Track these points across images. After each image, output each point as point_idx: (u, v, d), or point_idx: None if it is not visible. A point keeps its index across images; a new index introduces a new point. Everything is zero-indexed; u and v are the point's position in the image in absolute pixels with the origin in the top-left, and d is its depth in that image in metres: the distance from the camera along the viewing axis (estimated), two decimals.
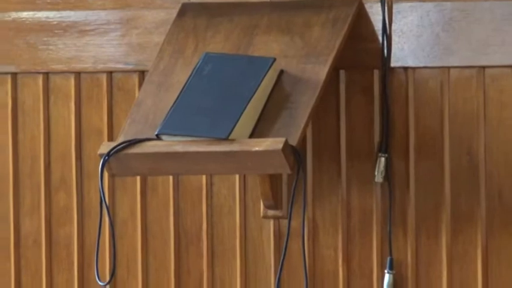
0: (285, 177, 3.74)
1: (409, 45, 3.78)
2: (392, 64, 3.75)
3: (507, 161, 3.72)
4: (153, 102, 3.81)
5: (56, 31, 3.93)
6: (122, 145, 3.73)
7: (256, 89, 3.70)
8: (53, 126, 3.95)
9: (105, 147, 3.73)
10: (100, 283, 3.77)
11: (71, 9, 3.98)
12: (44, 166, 3.91)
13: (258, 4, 3.93)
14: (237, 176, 3.82)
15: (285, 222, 3.80)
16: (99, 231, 3.79)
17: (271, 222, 3.77)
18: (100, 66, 3.90)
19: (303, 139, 3.65)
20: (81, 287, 3.92)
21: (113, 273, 3.78)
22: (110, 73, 3.87)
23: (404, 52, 3.80)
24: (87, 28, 3.93)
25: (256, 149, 3.59)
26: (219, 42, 3.96)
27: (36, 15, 3.91)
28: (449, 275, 3.80)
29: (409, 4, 3.74)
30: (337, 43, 3.76)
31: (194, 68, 3.83)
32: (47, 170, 3.92)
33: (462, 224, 3.80)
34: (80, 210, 3.90)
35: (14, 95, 3.94)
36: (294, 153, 3.60)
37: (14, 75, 3.91)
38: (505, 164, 3.72)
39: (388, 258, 3.69)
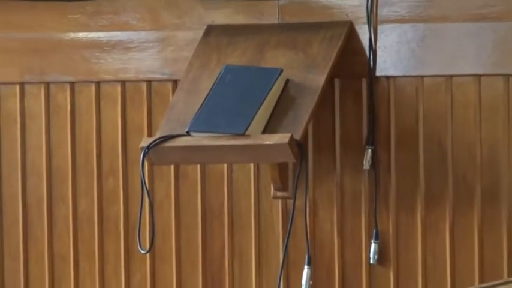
0: (290, 165, 3.69)
1: (390, 58, 3.73)
2: (377, 74, 3.71)
3: (470, 151, 3.68)
4: (184, 105, 3.79)
5: (106, 48, 3.93)
6: (159, 140, 3.68)
7: (267, 94, 3.66)
8: (103, 125, 3.96)
9: (145, 141, 3.69)
10: (141, 251, 3.76)
11: (117, 30, 3.99)
12: (96, 157, 3.92)
13: (268, 26, 3.90)
14: (252, 165, 3.80)
15: (290, 201, 3.79)
16: (140, 209, 3.76)
17: (280, 201, 3.74)
18: (141, 76, 3.89)
19: (305, 134, 3.68)
20: (127, 255, 3.90)
21: (152, 243, 3.76)
22: (149, 82, 3.86)
23: (386, 64, 3.76)
24: (131, 45, 3.93)
25: (267, 142, 3.57)
26: (237, 56, 3.89)
27: (90, 35, 3.93)
28: (423, 244, 3.75)
29: (390, 25, 3.71)
30: (333, 57, 3.74)
31: (217, 78, 3.77)
32: (98, 160, 3.93)
33: (434, 202, 3.75)
34: (125, 192, 3.90)
35: (72, 100, 3.94)
36: (298, 146, 3.57)
37: (72, 84, 3.90)
38: (468, 154, 3.68)
39: (374, 230, 3.65)
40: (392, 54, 3.80)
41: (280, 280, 3.79)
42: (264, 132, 3.66)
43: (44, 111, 4.03)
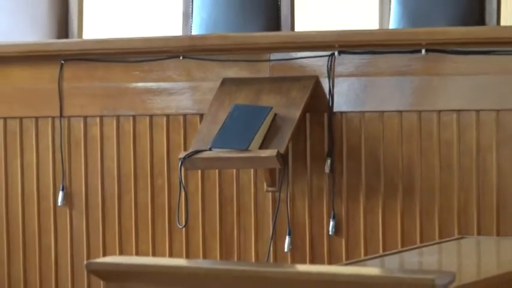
0: (277, 169, 3.79)
1: (342, 100, 3.80)
2: (334, 110, 3.78)
3: (395, 162, 3.75)
4: (207, 131, 3.79)
5: (156, 93, 3.97)
6: (191, 153, 3.72)
7: (262, 123, 3.71)
8: (155, 144, 3.99)
9: (182, 154, 3.74)
10: (179, 226, 3.85)
11: (163, 81, 3.96)
12: (150, 165, 3.98)
13: (263, 78, 3.88)
14: (252, 170, 3.86)
15: (277, 193, 3.81)
16: (179, 199, 3.82)
17: (270, 194, 3.82)
18: (179, 112, 3.92)
19: (286, 150, 3.71)
20: (170, 229, 3.89)
21: (186, 221, 3.81)
22: (184, 115, 3.90)
23: (340, 104, 3.79)
24: (172, 91, 3.97)
25: (262, 155, 3.67)
26: (242, 98, 3.87)
27: (146, 85, 4.00)
28: (364, 222, 3.78)
29: (342, 78, 3.78)
30: (305, 99, 3.76)
31: (229, 112, 3.79)
32: (152, 167, 3.94)
33: (371, 195, 3.79)
34: (169, 188, 3.93)
35: (134, 127, 4.00)
36: (282, 157, 3.63)
37: (134, 116, 4.00)
38: (394, 163, 3.74)
39: (332, 213, 3.75)
40: (344, 97, 3.83)
41: (270, 245, 3.82)
42: (260, 148, 3.71)
43: (116, 135, 4.04)
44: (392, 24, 4.40)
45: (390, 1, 4.44)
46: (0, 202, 4.15)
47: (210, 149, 3.73)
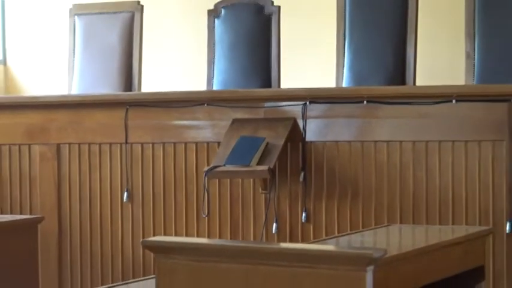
0: (268, 179, 3.73)
1: (312, 133, 3.74)
2: (306, 140, 3.74)
3: (351, 172, 3.68)
4: (222, 153, 3.72)
5: (189, 127, 3.93)
6: (211, 167, 3.69)
7: (259, 148, 3.66)
8: (187, 161, 3.91)
9: (205, 168, 3.70)
10: (203, 216, 3.82)
11: (193, 120, 3.93)
12: (184, 175, 3.91)
13: (259, 119, 3.83)
14: (252, 179, 3.83)
15: (268, 195, 3.77)
16: (203, 197, 3.81)
17: (263, 195, 3.79)
18: (204, 140, 3.91)
19: (274, 166, 3.65)
20: (197, 217, 3.87)
21: (208, 212, 3.80)
22: (207, 143, 3.80)
23: (310, 136, 3.74)
24: (200, 127, 3.92)
25: (259, 169, 3.64)
26: (246, 132, 3.82)
27: (181, 123, 3.94)
28: (326, 214, 3.71)
29: (312, 119, 3.73)
30: (286, 133, 3.71)
31: (237, 141, 3.73)
32: (186, 176, 3.91)
33: (332, 196, 3.71)
34: (197, 191, 3.88)
35: (175, 151, 3.92)
36: (271, 171, 3.62)
37: (175, 143, 3.92)
38: (349, 173, 3.69)
39: (304, 208, 3.71)
40: (312, 132, 3.75)
41: (263, 229, 3.76)
42: (257, 164, 3.66)
43: (162, 155, 3.95)
44: (345, 83, 4.32)
45: (343, 67, 4.33)
46: (85, 200, 4.04)
47: (224, 165, 3.68)
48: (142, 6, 4.52)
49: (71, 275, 4.02)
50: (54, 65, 5.27)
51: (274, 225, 3.76)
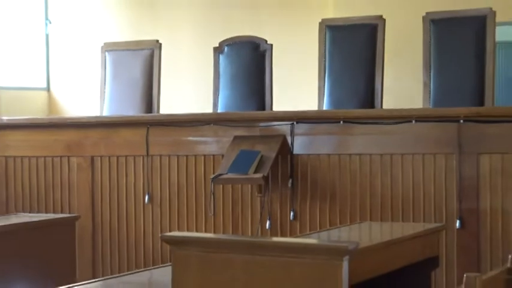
0: (263, 185, 3.69)
1: (298, 148, 3.69)
2: (294, 153, 3.68)
3: (330, 179, 3.62)
4: (226, 163, 3.65)
5: (198, 143, 3.90)
6: (216, 175, 3.63)
7: (255, 159, 3.60)
8: (197, 170, 3.86)
9: (212, 176, 3.65)
10: (210, 214, 3.75)
11: (204, 137, 3.88)
12: (194, 181, 3.86)
13: (256, 136, 3.76)
14: (250, 185, 3.77)
15: (263, 198, 3.71)
16: (210, 199, 3.72)
17: (259, 198, 3.74)
18: (211, 153, 3.86)
19: (268, 174, 3.60)
20: (205, 216, 3.82)
21: (214, 211, 3.73)
22: (214, 155, 3.83)
23: (297, 150, 3.70)
24: (207, 142, 3.87)
25: (255, 176, 3.58)
26: (244, 146, 3.75)
27: (193, 138, 3.89)
28: (310, 213, 3.66)
29: (299, 136, 3.68)
30: (278, 147, 3.66)
31: (237, 154, 3.66)
32: (196, 182, 3.87)
33: (315, 198, 3.66)
34: (205, 194, 3.82)
35: (186, 162, 3.87)
36: (265, 178, 3.58)
37: (187, 156, 3.88)
38: (328, 179, 3.62)
39: (292, 208, 3.68)
40: (299, 146, 3.70)
41: (259, 226, 3.71)
42: (254, 173, 3.61)
43: (176, 165, 3.89)
44: (325, 106, 4.25)
45: (324, 93, 4.27)
46: (114, 202, 3.99)
47: (227, 173, 3.63)
48: (160, 44, 4.50)
49: (102, 262, 3.99)
50: (88, 91, 5.27)
51: (268, 222, 3.71)
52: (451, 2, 4.12)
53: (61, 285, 2.11)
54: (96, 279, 3.02)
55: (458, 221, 3.33)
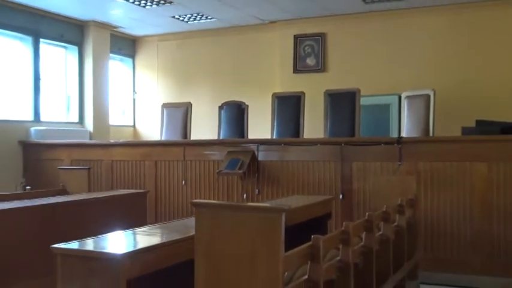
0: (243, 176, 3.42)
1: (261, 157, 3.52)
2: (259, 159, 3.50)
3: (300, 174, 3.37)
4: (224, 165, 3.47)
5: (210, 156, 3.70)
6: (219, 171, 3.49)
7: (238, 163, 3.42)
8: (210, 168, 3.58)
9: (217, 171, 3.49)
10: (215, 191, 3.59)
11: (212, 151, 3.70)
12: (208, 174, 3.63)
13: (238, 151, 3.54)
14: (236, 176, 3.54)
15: (244, 183, 3.51)
16: (216, 184, 3.59)
17: (241, 183, 3.53)
18: (216, 159, 3.65)
19: (245, 171, 3.40)
20: (214, 193, 3.62)
21: (218, 191, 3.51)
22: (218, 161, 3.60)
23: (261, 157, 3.57)
24: (215, 154, 3.68)
25: (239, 171, 3.38)
26: (233, 156, 3.57)
27: (207, 152, 3.65)
28: (268, 193, 3.48)
29: (261, 151, 3.46)
30: (250, 156, 3.46)
31: (229, 160, 3.50)
32: (208, 174, 3.65)
33: (281, 187, 3.44)
34: (214, 182, 3.66)
35: (204, 165, 3.61)
36: (244, 173, 3.37)
37: (204, 161, 3.60)
38: (297, 174, 3.41)
39: (257, 189, 3.51)
40: (262, 156, 3.54)
41: (242, 197, 3.51)
42: (238, 169, 3.44)
43: (199, 166, 3.64)
44: (275, 135, 4.00)
45: (274, 129, 4.04)
46: (166, 185, 3.83)
47: (224, 170, 3.50)
48: (191, 103, 4.52)
49: (160, 217, 3.85)
50: (154, 127, 5.39)
51: (245, 195, 3.59)
52: (340, 82, 4.38)
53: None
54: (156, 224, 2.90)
55: (341, 195, 3.29)
